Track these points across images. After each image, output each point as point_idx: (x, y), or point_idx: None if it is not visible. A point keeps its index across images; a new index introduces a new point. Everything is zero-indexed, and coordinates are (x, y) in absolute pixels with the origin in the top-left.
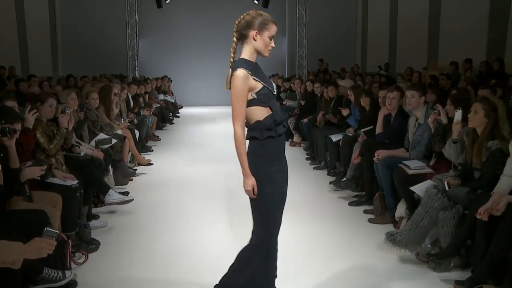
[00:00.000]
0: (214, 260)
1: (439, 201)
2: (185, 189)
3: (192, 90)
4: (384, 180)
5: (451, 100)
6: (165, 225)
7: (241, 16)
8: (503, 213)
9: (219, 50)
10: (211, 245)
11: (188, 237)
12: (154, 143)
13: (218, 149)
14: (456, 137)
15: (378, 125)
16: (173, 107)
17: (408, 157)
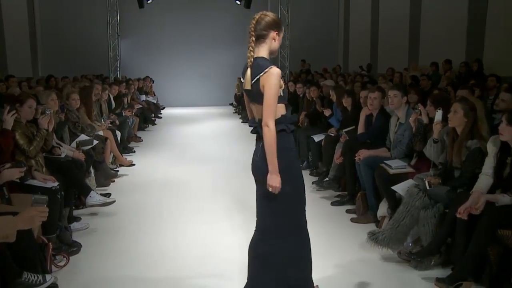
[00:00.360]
0: (197, 261)
1: (420, 200)
2: (168, 190)
3: (174, 91)
4: (366, 179)
5: (432, 100)
6: (148, 227)
7: (257, 16)
8: (482, 212)
9: (201, 50)
10: (194, 246)
11: (171, 238)
12: (136, 144)
13: (201, 149)
14: (437, 137)
15: (360, 125)
16: (155, 108)
17: (389, 156)
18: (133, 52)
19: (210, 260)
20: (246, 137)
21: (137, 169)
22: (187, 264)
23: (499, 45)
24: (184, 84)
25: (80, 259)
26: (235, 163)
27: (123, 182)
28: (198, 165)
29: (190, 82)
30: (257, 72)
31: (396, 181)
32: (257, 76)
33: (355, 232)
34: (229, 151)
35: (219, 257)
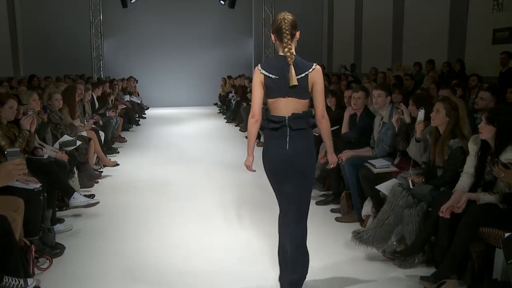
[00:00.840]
0: (183, 261)
1: (403, 199)
2: (152, 191)
3: (158, 91)
4: (351, 179)
5: (413, 100)
6: (132, 227)
7: (283, 16)
8: (464, 210)
9: (185, 50)
10: (179, 247)
11: (156, 238)
12: (120, 145)
13: (185, 149)
14: (419, 136)
15: (344, 125)
16: (139, 108)
17: (373, 156)
18: (116, 52)
19: (196, 260)
20: (230, 137)
21: (121, 170)
22: (172, 264)
23: (480, 46)
24: (168, 84)
25: (63, 261)
26: (219, 163)
27: (107, 183)
28: (183, 165)
29: (174, 82)
30: (305, 69)
31: (380, 181)
32: (305, 72)
33: (340, 231)
34: (214, 151)
35: (204, 258)
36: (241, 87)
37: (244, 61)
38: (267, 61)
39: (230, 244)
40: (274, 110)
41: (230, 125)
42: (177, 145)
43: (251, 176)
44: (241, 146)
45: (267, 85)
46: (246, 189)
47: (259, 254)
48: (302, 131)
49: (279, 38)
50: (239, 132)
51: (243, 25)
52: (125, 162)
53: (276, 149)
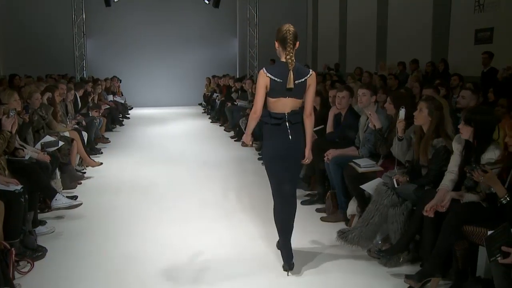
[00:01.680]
0: (168, 265)
1: (388, 198)
2: (136, 192)
3: (142, 91)
4: (335, 178)
5: (392, 99)
6: (116, 230)
7: (287, 27)
8: (447, 209)
9: (170, 50)
10: (163, 248)
11: (140, 241)
12: (104, 145)
13: (170, 150)
14: (401, 135)
15: (329, 125)
16: (123, 108)
17: (358, 155)
18: (99, 52)
19: (181, 263)
20: (215, 137)
21: (105, 171)
22: (157, 267)
23: (463, 46)
24: (152, 84)
25: (45, 265)
26: (204, 163)
27: (90, 184)
28: (167, 165)
29: (158, 82)
30: (304, 74)
31: (365, 180)
32: (304, 77)
33: (325, 231)
34: (198, 152)
35: (190, 260)
36: (226, 87)
37: (228, 61)
38: (272, 66)
39: (215, 244)
40: (275, 108)
41: (214, 125)
42: (161, 145)
43: (236, 176)
44: (226, 146)
45: (272, 87)
46: (231, 190)
47: (246, 254)
48: (298, 124)
49: (283, 47)
50: (224, 132)
51: (227, 24)
52: (108, 163)
53: (280, 140)
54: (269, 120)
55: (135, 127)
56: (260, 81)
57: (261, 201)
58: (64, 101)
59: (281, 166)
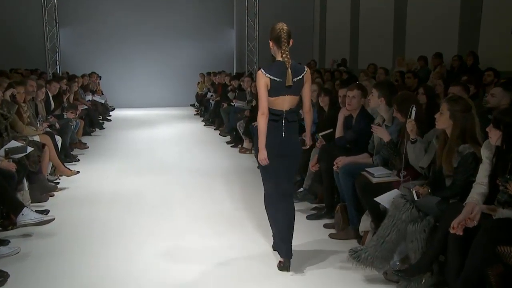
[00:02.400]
0: (153, 285)
1: (407, 213)
2: (119, 205)
3: (125, 89)
4: (346, 190)
5: (397, 105)
6: (94, 249)
7: (281, 26)
8: (477, 225)
9: (158, 43)
10: (148, 270)
11: (122, 262)
12: (81, 151)
13: (158, 157)
14: (414, 137)
15: (338, 128)
16: (103, 109)
17: (372, 163)
18: (75, 44)
19: (169, 284)
20: (209, 142)
21: (82, 181)
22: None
23: (497, 36)
24: (137, 81)
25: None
26: (197, 172)
27: (64, 196)
28: (155, 175)
29: (144, 79)
30: (300, 72)
31: (379, 191)
32: (301, 74)
33: (335, 250)
34: (190, 159)
35: (178, 284)
36: (221, 85)
37: (224, 55)
38: (269, 66)
39: (208, 267)
40: (274, 105)
41: (208, 129)
42: (148, 151)
43: (234, 187)
44: (222, 152)
45: (272, 86)
46: (228, 203)
47: (239, 273)
48: (294, 123)
49: (278, 46)
50: (219, 136)
51: (223, 14)
52: (86, 172)
53: (275, 136)
54: (268, 116)
55: (118, 131)
56: (261, 82)
57: (262, 214)
58: (33, 100)
59: (276, 162)
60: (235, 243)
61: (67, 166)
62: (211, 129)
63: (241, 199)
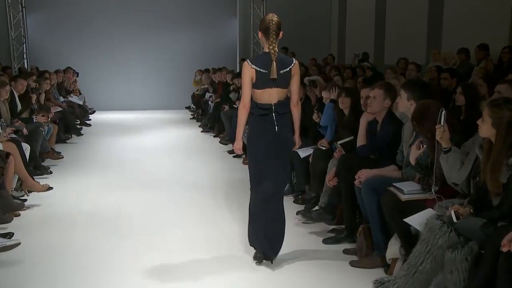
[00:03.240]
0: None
1: (444, 237)
2: (98, 227)
3: (108, 89)
4: (370, 208)
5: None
6: (68, 278)
7: (271, 17)
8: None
9: (145, 34)
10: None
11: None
12: (54, 162)
13: (145, 170)
14: (446, 146)
15: (360, 135)
16: (81, 112)
17: (401, 177)
18: (46, 33)
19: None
20: (207, 152)
21: (55, 198)
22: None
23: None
24: (122, 79)
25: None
26: (193, 187)
27: (33, 215)
28: (142, 191)
29: (130, 76)
30: (288, 64)
31: (410, 211)
32: (288, 67)
33: (357, 281)
34: (185, 171)
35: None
36: (222, 84)
37: (226, 49)
38: (256, 58)
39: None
40: (261, 99)
41: (207, 136)
42: (134, 163)
43: (236, 206)
44: (222, 163)
45: (257, 78)
46: (227, 223)
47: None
48: (286, 115)
49: (266, 37)
50: (219, 144)
51: (224, 1)
52: (60, 187)
53: (266, 131)
54: (256, 111)
55: (98, 138)
56: (246, 73)
57: None
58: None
59: (267, 157)
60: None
61: (36, 179)
62: (210, 136)
63: (246, 219)
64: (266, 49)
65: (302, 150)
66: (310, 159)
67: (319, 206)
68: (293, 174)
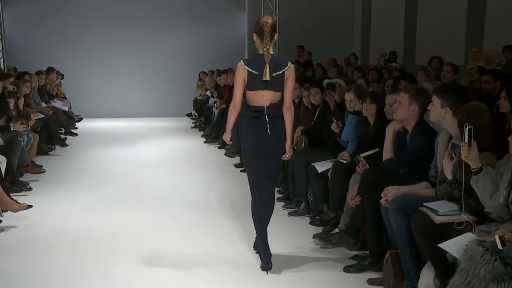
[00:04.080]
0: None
1: (488, 267)
2: (84, 251)
3: (97, 93)
4: (398, 232)
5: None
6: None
7: (265, 19)
8: None
9: (141, 31)
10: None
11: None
12: (34, 177)
13: (140, 186)
14: (475, 166)
15: (386, 147)
16: (66, 119)
17: (434, 196)
18: (26, 29)
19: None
20: (211, 165)
21: (34, 218)
22: None
23: None
24: (113, 82)
25: None
26: (194, 207)
27: (8, 239)
28: (135, 210)
29: (123, 79)
30: (282, 66)
31: (446, 235)
32: (282, 70)
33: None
34: (186, 188)
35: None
36: (228, 87)
37: (233, 47)
38: (250, 59)
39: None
40: (253, 101)
41: (210, 147)
42: (126, 178)
43: (241, 226)
44: (228, 179)
45: (249, 79)
46: (235, 246)
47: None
48: (278, 118)
49: (261, 39)
50: (225, 157)
51: None
52: (41, 206)
53: (258, 134)
54: (248, 114)
55: (86, 149)
56: (238, 73)
57: (282, 263)
58: None
59: (260, 161)
60: None
61: (13, 197)
62: (214, 148)
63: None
64: (260, 51)
65: (320, 164)
66: (329, 174)
67: (340, 229)
68: (309, 191)
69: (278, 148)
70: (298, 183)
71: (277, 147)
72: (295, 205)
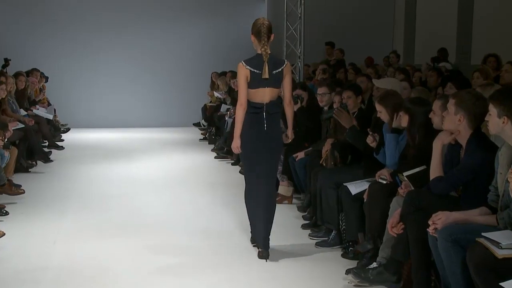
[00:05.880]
0: None
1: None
2: (73, 286)
3: (87, 99)
4: (450, 268)
5: None
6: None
7: (262, 21)
8: None
9: (141, 26)
10: None
11: None
12: (11, 199)
13: (137, 209)
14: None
15: (434, 164)
16: (51, 130)
17: (495, 224)
18: (5, 25)
19: None
20: (224, 186)
21: (10, 248)
22: None
23: None
24: (106, 87)
25: None
26: (204, 235)
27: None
28: (131, 238)
29: (118, 83)
30: (280, 65)
31: (510, 272)
32: (280, 67)
33: None
34: (193, 213)
35: None
36: None
37: (249, 44)
38: (250, 59)
39: None
40: (254, 98)
41: (222, 163)
42: (121, 200)
43: (252, 263)
44: (243, 200)
45: (251, 78)
46: (253, 282)
47: None
48: (276, 114)
49: (258, 40)
50: (239, 175)
51: None
52: (18, 233)
53: (256, 130)
54: (248, 109)
55: (73, 165)
56: (241, 73)
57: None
58: None
59: (258, 154)
60: None
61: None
62: (227, 164)
63: (282, 276)
64: (258, 51)
65: (354, 184)
66: (364, 196)
67: (378, 263)
68: (341, 217)
69: (274, 142)
70: (327, 207)
71: (273, 142)
72: (324, 233)
